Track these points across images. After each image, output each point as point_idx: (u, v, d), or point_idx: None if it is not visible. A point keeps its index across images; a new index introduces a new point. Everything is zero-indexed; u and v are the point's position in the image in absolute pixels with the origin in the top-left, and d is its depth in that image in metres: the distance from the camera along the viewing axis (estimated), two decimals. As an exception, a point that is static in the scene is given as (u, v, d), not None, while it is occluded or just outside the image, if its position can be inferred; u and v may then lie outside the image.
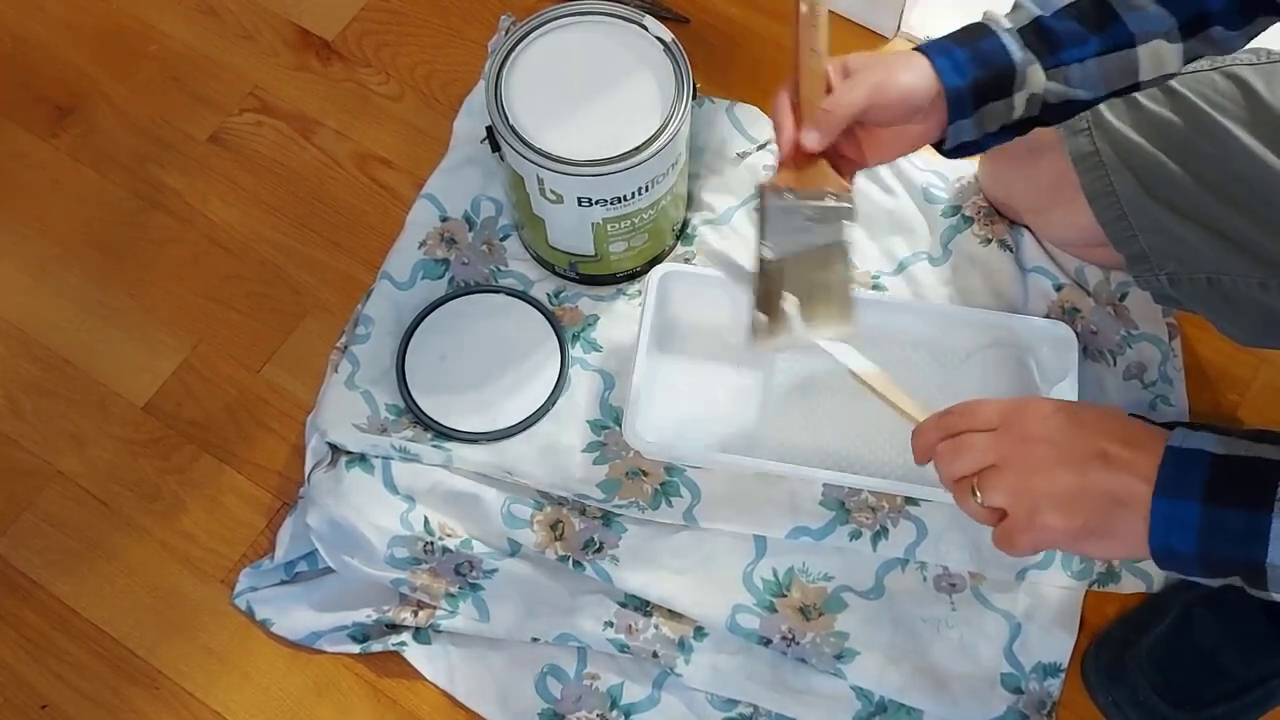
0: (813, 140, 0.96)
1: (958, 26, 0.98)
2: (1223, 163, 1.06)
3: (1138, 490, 0.75)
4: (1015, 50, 0.95)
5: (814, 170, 0.99)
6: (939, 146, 1.00)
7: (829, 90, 0.96)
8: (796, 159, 0.98)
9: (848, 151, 1.01)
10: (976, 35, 0.96)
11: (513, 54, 1.18)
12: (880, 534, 1.19)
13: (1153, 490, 0.74)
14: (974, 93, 0.95)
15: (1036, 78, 0.95)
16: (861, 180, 1.36)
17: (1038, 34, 0.95)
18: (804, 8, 0.96)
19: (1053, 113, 0.98)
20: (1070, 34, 0.95)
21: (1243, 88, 1.07)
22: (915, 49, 0.97)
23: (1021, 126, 0.99)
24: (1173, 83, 1.08)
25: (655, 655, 1.16)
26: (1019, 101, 0.96)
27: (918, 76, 0.95)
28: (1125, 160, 1.10)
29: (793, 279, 0.98)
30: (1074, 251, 1.29)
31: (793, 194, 0.98)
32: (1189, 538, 0.73)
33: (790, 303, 0.97)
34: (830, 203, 0.98)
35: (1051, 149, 1.15)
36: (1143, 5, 0.94)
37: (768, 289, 0.98)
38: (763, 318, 0.97)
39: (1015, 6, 0.98)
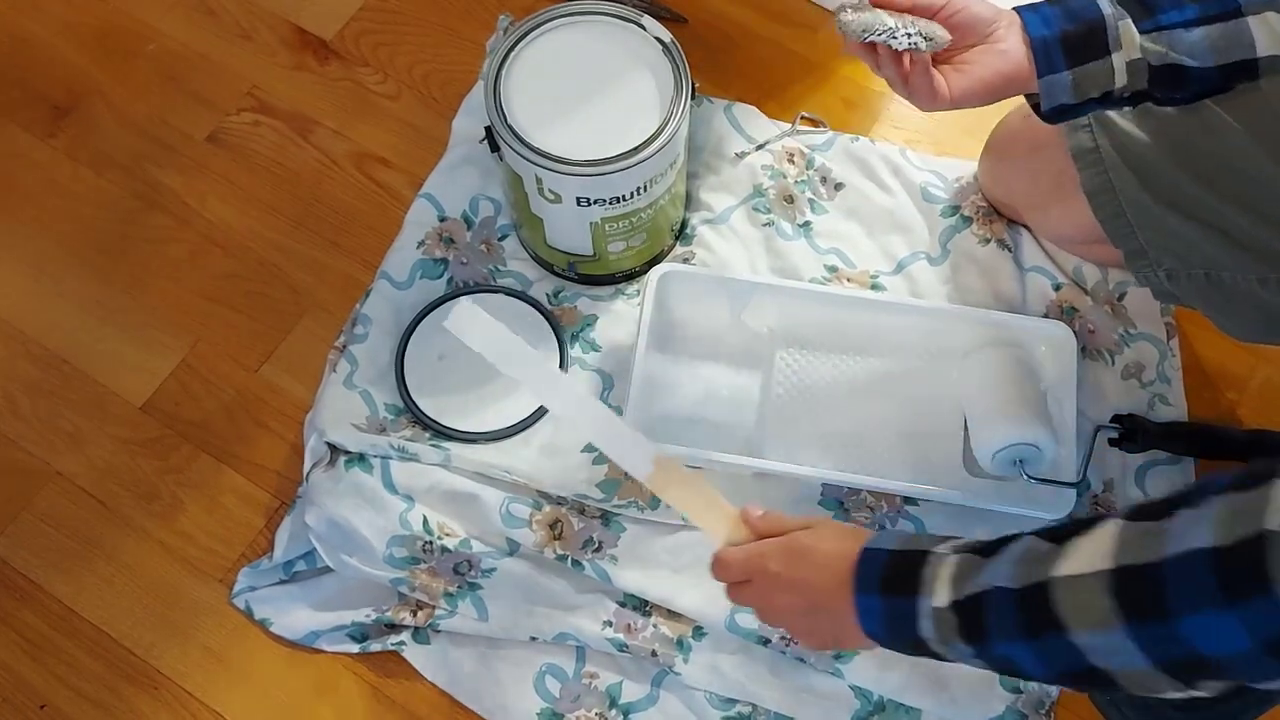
0: None
1: None
2: (1222, 159, 1.06)
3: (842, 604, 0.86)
4: (1105, 4, 0.93)
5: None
6: (1037, 109, 0.99)
7: None
8: None
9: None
10: None
11: (511, 54, 1.18)
12: (879, 533, 1.19)
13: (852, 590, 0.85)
14: (1064, 47, 0.93)
15: (1130, 37, 0.93)
16: (861, 179, 1.36)
17: None
18: None
19: (1163, 83, 0.95)
20: None
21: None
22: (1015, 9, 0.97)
23: (1133, 99, 0.97)
24: None
25: (654, 654, 1.16)
26: (1119, 65, 0.93)
27: (997, 11, 0.94)
28: (1125, 156, 1.10)
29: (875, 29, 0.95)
30: (1073, 249, 1.29)
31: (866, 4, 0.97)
32: (879, 624, 0.84)
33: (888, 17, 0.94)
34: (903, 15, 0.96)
35: (1052, 145, 1.15)
36: None
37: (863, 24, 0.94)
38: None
39: None
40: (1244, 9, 0.93)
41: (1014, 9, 0.96)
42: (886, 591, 0.83)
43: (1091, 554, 0.73)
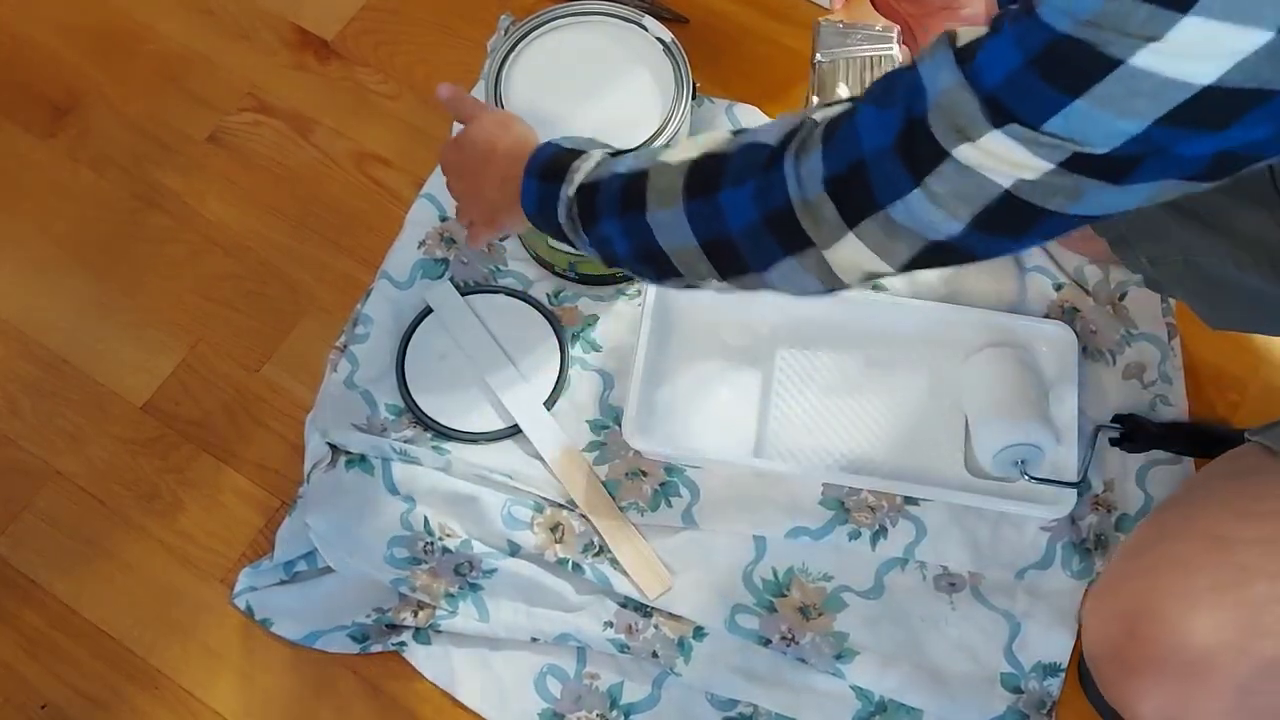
0: None
1: None
2: None
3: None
4: None
5: (863, 6, 1.11)
6: None
7: None
8: (849, 3, 1.12)
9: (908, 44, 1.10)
10: None
11: (512, 54, 1.18)
12: (879, 533, 1.19)
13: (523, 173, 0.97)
14: None
15: None
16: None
17: None
18: None
19: None
20: None
21: None
22: None
23: None
24: None
25: (655, 655, 1.16)
26: None
27: None
28: None
29: (845, 75, 1.20)
30: (1073, 246, 1.29)
31: (843, 23, 1.21)
32: (533, 203, 0.96)
33: (844, 89, 1.15)
34: (879, 28, 1.19)
35: None
36: None
37: (823, 80, 1.21)
38: (816, 99, 1.17)
39: None
40: None
41: None
42: (543, 178, 0.94)
43: (689, 146, 0.85)
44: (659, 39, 1.19)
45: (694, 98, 1.17)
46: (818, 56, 1.22)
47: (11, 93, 1.46)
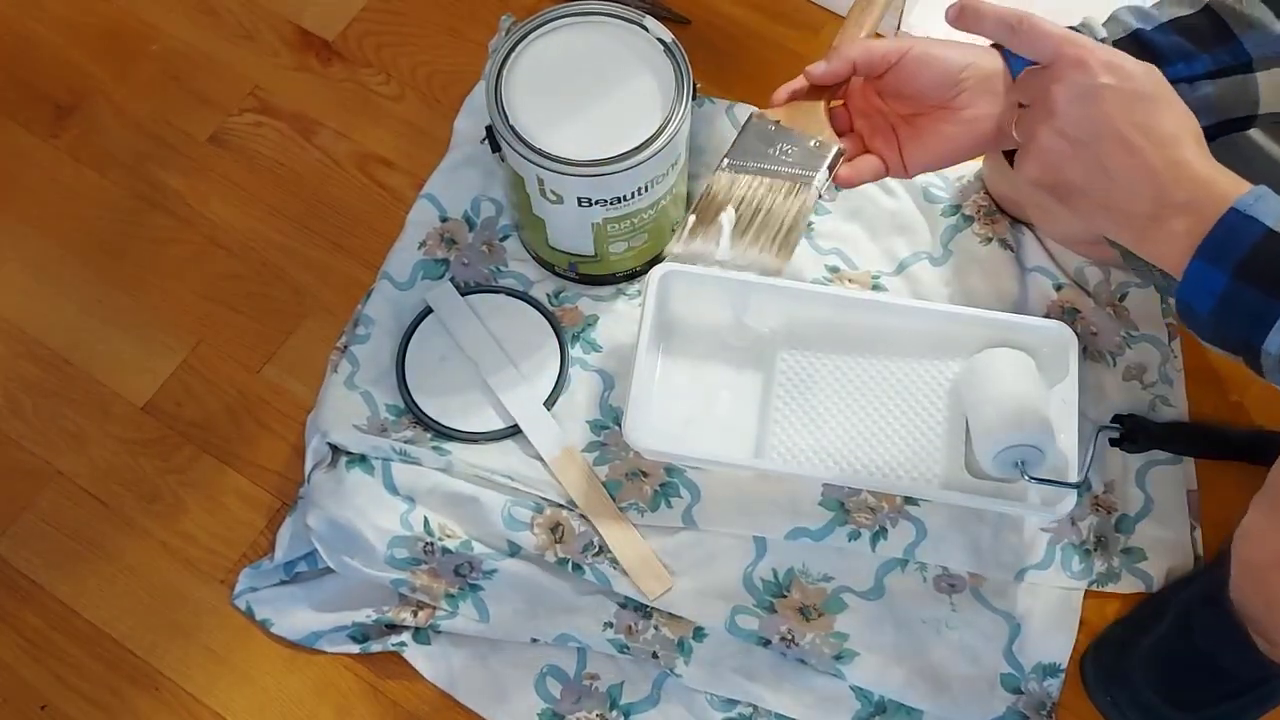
0: (817, 70, 0.89)
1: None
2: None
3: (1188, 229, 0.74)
4: None
5: (810, 111, 0.94)
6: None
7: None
8: (797, 94, 0.94)
9: (880, 148, 0.94)
10: None
11: (513, 54, 1.18)
12: (879, 534, 1.19)
13: (1194, 252, 0.73)
14: None
15: None
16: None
17: (1136, 47, 0.87)
18: None
19: None
20: (1175, 49, 0.86)
21: None
22: (993, 45, 0.89)
23: None
24: None
25: (655, 656, 1.16)
26: None
27: (975, 54, 0.86)
28: None
29: (742, 195, 0.93)
30: (1078, 249, 1.29)
31: (778, 124, 0.95)
32: (1209, 302, 0.74)
33: (728, 215, 0.92)
34: (813, 145, 0.94)
35: None
36: (1267, 24, 0.85)
37: (712, 193, 0.94)
38: (693, 218, 0.93)
39: (1111, 18, 0.90)
40: (1254, 63, 0.87)
41: (1005, 62, 0.89)
42: (1242, 278, 0.71)
43: None
44: (660, 39, 1.19)
45: (695, 98, 1.17)
46: (724, 161, 0.97)
47: (14, 92, 1.46)
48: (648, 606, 1.17)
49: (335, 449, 1.22)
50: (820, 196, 0.93)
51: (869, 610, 1.18)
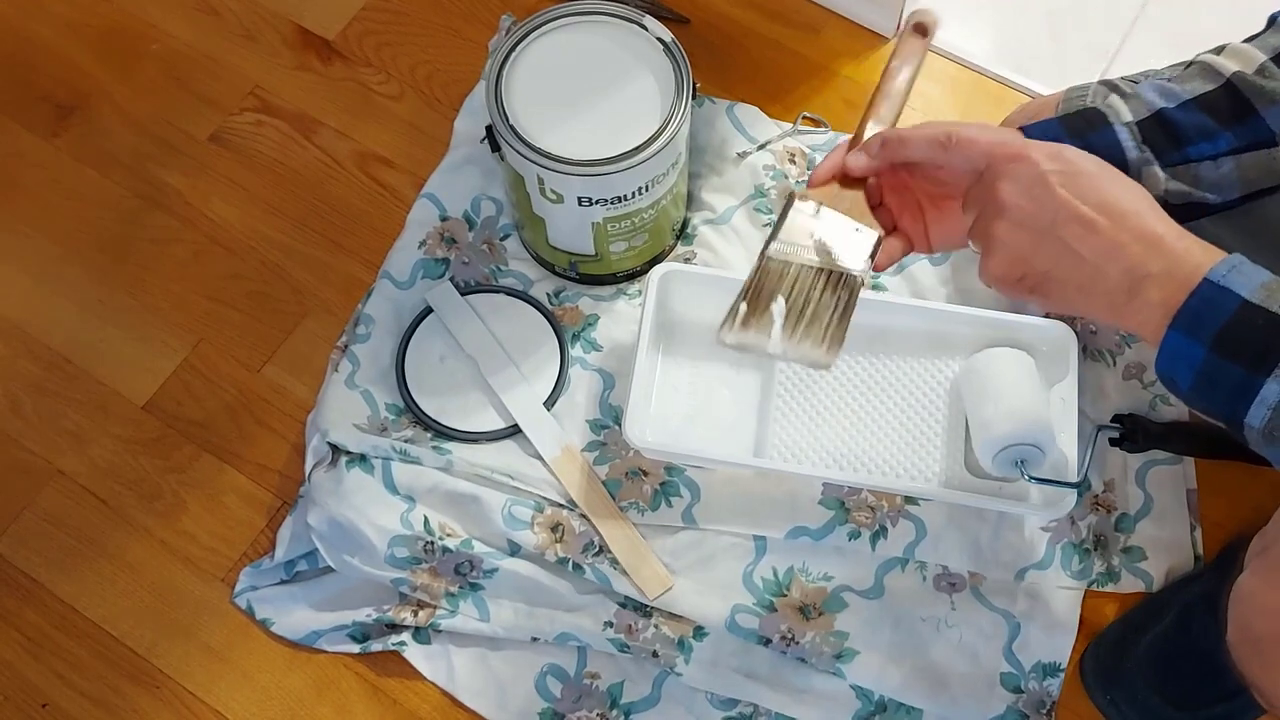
0: (858, 162, 0.90)
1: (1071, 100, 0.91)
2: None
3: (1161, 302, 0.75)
4: (1131, 148, 0.86)
5: (849, 198, 0.94)
6: None
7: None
8: (839, 179, 0.93)
9: (907, 225, 0.95)
10: (1090, 126, 0.88)
11: (513, 54, 1.18)
12: (879, 534, 1.19)
13: (1170, 321, 0.74)
14: None
15: (1154, 180, 0.86)
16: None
17: (1160, 127, 0.87)
18: (910, 28, 0.92)
19: (1179, 219, 0.80)
20: (1198, 128, 0.86)
21: None
22: (1019, 128, 0.89)
23: None
24: None
25: (655, 655, 1.16)
26: None
27: (1005, 136, 0.85)
28: None
29: (792, 284, 0.93)
30: None
31: (820, 207, 0.94)
32: (1188, 376, 0.74)
33: (779, 306, 0.93)
34: (855, 230, 0.93)
35: None
36: None
37: (763, 283, 0.93)
38: (744, 306, 0.92)
39: (1134, 95, 0.89)
40: (1278, 139, 0.87)
41: (1026, 129, 0.89)
42: (1221, 351, 0.71)
43: None
44: (659, 39, 1.19)
45: (694, 98, 1.17)
46: (773, 245, 0.94)
47: (15, 92, 1.46)
48: (648, 606, 1.17)
49: (335, 448, 1.22)
50: (863, 284, 0.94)
51: (869, 609, 1.18)
